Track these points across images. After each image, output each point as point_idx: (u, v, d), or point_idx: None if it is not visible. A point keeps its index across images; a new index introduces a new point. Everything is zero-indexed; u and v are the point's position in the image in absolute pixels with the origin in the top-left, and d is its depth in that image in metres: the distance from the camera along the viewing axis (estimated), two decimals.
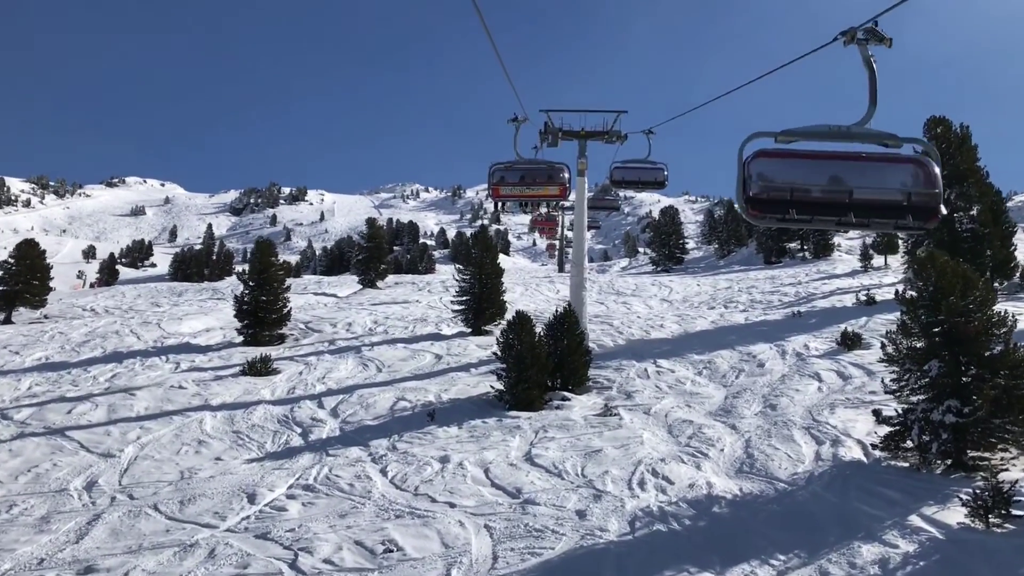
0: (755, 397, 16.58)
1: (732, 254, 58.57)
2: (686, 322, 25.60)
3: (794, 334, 21.98)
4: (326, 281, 51.79)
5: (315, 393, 18.22)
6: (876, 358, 18.62)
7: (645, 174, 22.90)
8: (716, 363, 19.45)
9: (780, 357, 19.59)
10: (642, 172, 22.88)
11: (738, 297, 32.91)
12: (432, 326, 26.84)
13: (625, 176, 22.95)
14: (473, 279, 24.96)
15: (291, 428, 15.83)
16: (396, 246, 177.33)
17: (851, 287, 32.04)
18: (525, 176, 17.57)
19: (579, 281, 21.24)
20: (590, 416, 15.67)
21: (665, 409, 16.08)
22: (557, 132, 21.39)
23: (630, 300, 35.40)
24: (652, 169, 22.94)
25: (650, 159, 23.09)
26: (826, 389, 16.74)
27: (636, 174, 22.88)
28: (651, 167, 22.95)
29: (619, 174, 22.98)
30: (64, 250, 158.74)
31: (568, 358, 17.53)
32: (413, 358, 21.50)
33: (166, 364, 21.88)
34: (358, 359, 21.51)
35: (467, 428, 15.18)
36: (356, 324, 27.57)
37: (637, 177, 22.94)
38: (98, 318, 31.15)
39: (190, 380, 19.26)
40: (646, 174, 22.90)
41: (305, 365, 20.89)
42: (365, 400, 17.35)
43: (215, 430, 15.74)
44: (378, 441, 14.69)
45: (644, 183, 23.15)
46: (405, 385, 18.59)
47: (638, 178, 22.96)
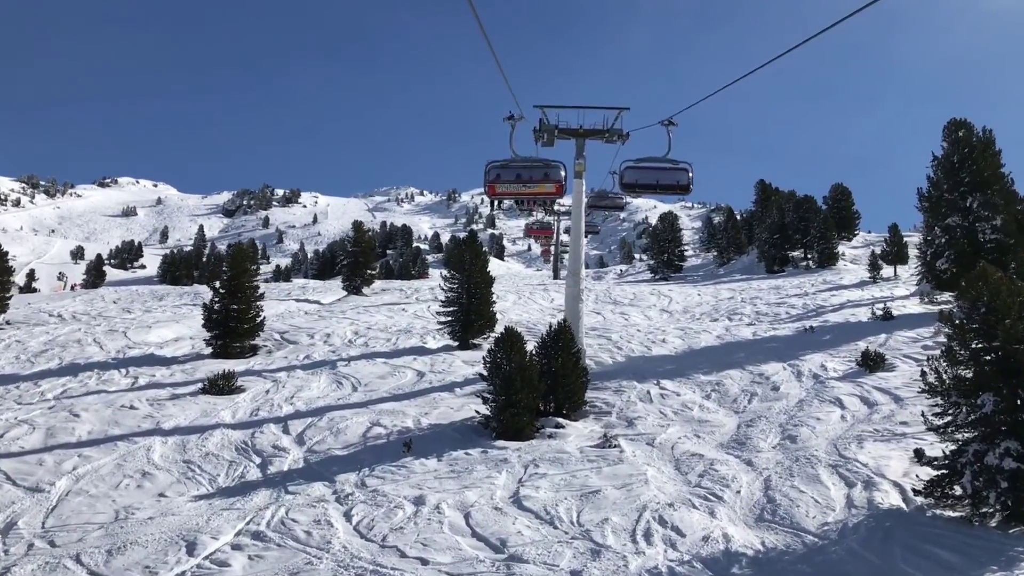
0: (771, 426, 14.83)
1: (732, 262, 56.90)
2: (690, 336, 23.83)
3: (808, 352, 20.25)
4: (311, 286, 49.96)
5: (281, 416, 16.39)
6: (902, 381, 17.03)
7: (665, 176, 18.77)
8: (725, 385, 17.70)
9: (795, 379, 17.85)
10: (661, 174, 18.75)
11: (742, 308, 31.19)
12: (417, 338, 25.01)
13: (640, 178, 18.77)
14: (460, 289, 23.17)
15: (249, 458, 14.02)
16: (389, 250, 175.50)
17: (862, 299, 30.39)
18: (521, 174, 17.21)
19: (576, 293, 19.42)
20: (587, 448, 13.89)
21: (671, 440, 14.31)
22: (553, 130, 19.60)
23: (628, 310, 33.67)
24: (673, 170, 18.87)
25: (670, 157, 19.06)
26: (850, 418, 14.99)
27: (653, 176, 18.70)
28: (672, 167, 18.90)
29: (632, 175, 18.78)
30: (52, 250, 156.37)
31: (563, 379, 15.75)
32: (393, 375, 19.68)
33: (124, 379, 20.06)
34: (332, 376, 19.68)
35: (447, 461, 13.37)
36: (335, 335, 25.74)
37: (655, 180, 18.72)
38: (63, 325, 29.25)
39: (144, 399, 17.41)
40: (666, 176, 18.76)
41: (273, 382, 19.05)
42: (335, 425, 15.53)
43: (163, 459, 13.93)
44: (346, 475, 12.89)
45: (664, 187, 19.01)
46: (382, 407, 16.77)
47: (656, 181, 18.77)
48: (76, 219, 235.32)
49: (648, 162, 18.93)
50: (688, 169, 18.89)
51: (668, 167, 18.97)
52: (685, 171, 18.88)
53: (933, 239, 25.26)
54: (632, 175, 18.87)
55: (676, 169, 18.93)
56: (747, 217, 64.59)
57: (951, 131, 25.26)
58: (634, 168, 18.92)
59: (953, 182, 24.70)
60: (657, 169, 18.91)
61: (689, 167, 18.93)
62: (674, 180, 18.88)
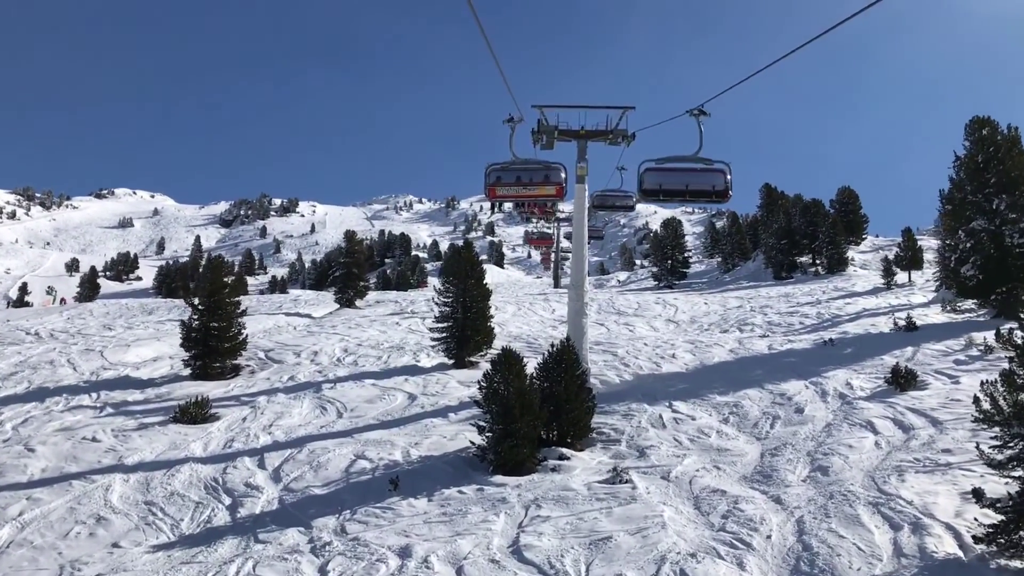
0: (798, 455, 13.35)
1: (737, 268, 55.46)
2: (701, 351, 22.36)
3: (830, 367, 18.79)
4: (304, 299, 48.50)
5: (257, 447, 14.92)
6: (938, 401, 15.55)
7: (697, 179, 15.49)
8: (744, 407, 16.23)
9: (820, 399, 16.38)
10: (691, 177, 15.45)
11: (752, 318, 29.75)
12: (410, 355, 23.53)
13: (665, 183, 15.56)
14: (455, 302, 21.71)
15: (218, 498, 12.57)
16: (388, 259, 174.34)
17: (879, 308, 28.97)
18: (521, 176, 16.90)
19: (579, 307, 17.96)
20: (595, 483, 12.41)
21: (688, 472, 12.83)
22: (552, 131, 18.21)
23: (633, 321, 32.26)
24: (707, 172, 15.53)
25: (702, 156, 15.65)
26: (885, 445, 13.50)
27: (681, 179, 15.40)
28: (705, 168, 15.54)
29: (654, 179, 15.62)
30: (47, 263, 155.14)
31: (567, 405, 14.29)
32: (382, 398, 18.20)
33: (92, 404, 18.60)
34: (316, 400, 18.20)
35: (438, 501, 11.91)
36: (323, 353, 24.25)
37: (683, 184, 15.25)
38: (39, 343, 27.79)
39: (109, 429, 15.95)
40: (698, 179, 15.49)
41: (252, 408, 17.57)
42: (316, 458, 14.06)
43: (123, 501, 12.48)
44: (324, 520, 11.42)
45: (695, 194, 15.72)
46: (368, 436, 15.29)
47: (685, 185, 15.43)
48: (72, 231, 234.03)
49: (674, 162, 15.47)
50: (726, 170, 15.50)
51: (700, 168, 15.56)
52: (722, 173, 15.50)
53: (956, 244, 23.82)
54: (654, 179, 15.48)
55: (710, 171, 15.50)
56: (751, 222, 63.21)
57: (974, 129, 23.84)
58: (657, 171, 15.51)
59: (978, 183, 23.28)
60: (686, 171, 15.53)
61: (727, 168, 15.52)
62: (708, 184, 15.41)
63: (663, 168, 15.81)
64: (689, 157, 15.81)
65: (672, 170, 15.78)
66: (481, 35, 9.67)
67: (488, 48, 10.65)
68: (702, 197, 15.95)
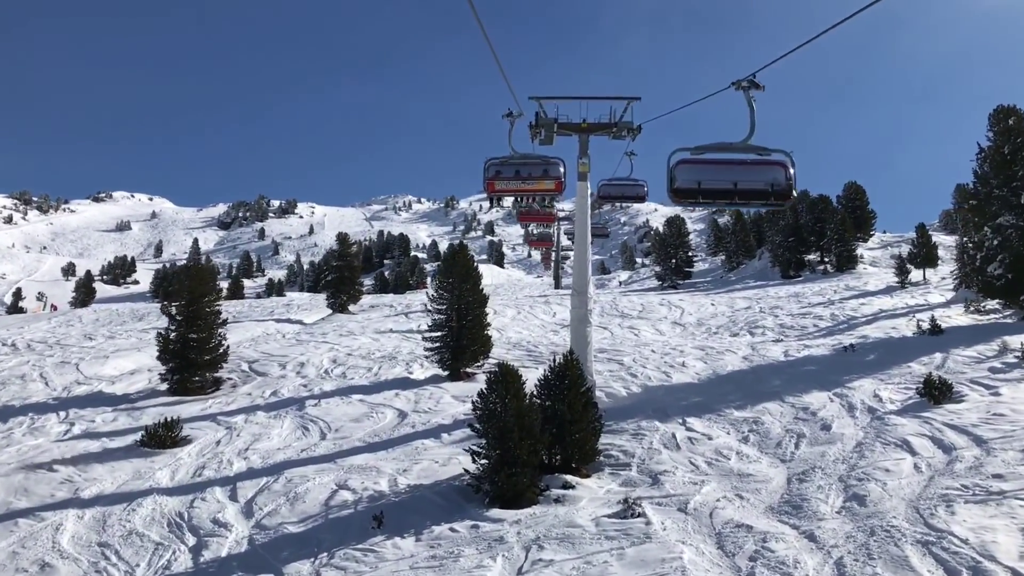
0: (830, 481, 11.95)
1: (742, 267, 54.06)
2: (712, 358, 20.96)
3: (854, 376, 17.39)
4: (297, 303, 47.09)
5: (230, 475, 13.56)
6: (978, 416, 14.09)
7: (749, 175, 11.59)
8: (764, 423, 14.84)
9: (847, 413, 14.98)
10: (743, 172, 11.57)
11: (763, 321, 28.36)
12: (402, 366, 22.13)
13: (706, 179, 11.54)
14: (449, 310, 20.31)
15: (182, 537, 11.21)
16: (387, 259, 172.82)
17: (896, 308, 27.60)
18: (520, 171, 16.47)
19: (582, 315, 16.60)
20: (604, 518, 11.00)
21: (708, 503, 11.44)
22: (552, 124, 16.93)
23: (637, 324, 30.90)
24: (761, 165, 11.64)
25: (752, 144, 11.69)
26: (926, 468, 12.10)
27: (729, 175, 11.52)
28: (759, 161, 11.67)
29: (690, 175, 11.57)
30: (43, 268, 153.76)
31: (571, 426, 12.91)
32: (370, 416, 16.80)
33: (58, 425, 17.25)
34: (299, 419, 16.82)
35: (427, 540, 10.52)
36: (310, 364, 22.88)
37: (731, 181, 11.44)
38: (13, 355, 26.45)
39: (69, 456, 14.61)
40: (750, 175, 11.58)
41: (227, 429, 16.19)
42: (294, 488, 12.68)
43: (74, 542, 11.13)
44: (298, 565, 10.07)
45: (748, 194, 11.64)
46: (352, 461, 13.91)
47: (734, 183, 11.49)
48: (69, 235, 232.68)
49: (717, 151, 11.52)
50: (787, 163, 11.51)
51: (751, 160, 11.63)
52: (782, 166, 11.50)
53: (982, 241, 22.42)
54: (691, 175, 11.44)
55: (766, 163, 11.55)
56: (756, 218, 61.79)
57: (998, 119, 22.43)
58: (694, 164, 11.48)
59: (1004, 177, 21.87)
60: (734, 164, 11.59)
61: (788, 159, 11.57)
62: (763, 181, 11.47)
63: (702, 160, 11.59)
64: (737, 145, 11.66)
65: (715, 163, 11.60)
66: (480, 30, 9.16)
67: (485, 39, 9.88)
68: (756, 198, 11.71)
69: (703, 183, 11.69)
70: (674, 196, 11.91)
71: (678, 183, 11.75)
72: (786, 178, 11.68)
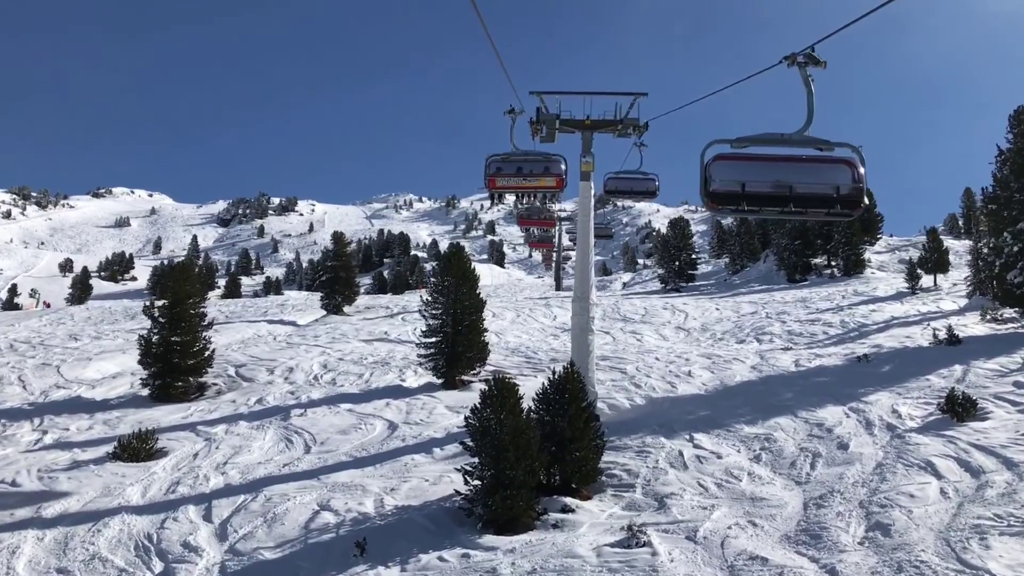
0: (850, 507, 11.05)
1: (746, 270, 53.12)
2: (719, 367, 20.06)
3: (870, 390, 16.49)
4: (292, 303, 46.17)
5: (206, 492, 12.66)
6: (1007, 436, 13.13)
7: (806, 176, 9.14)
8: (776, 440, 13.93)
9: (865, 431, 14.07)
10: (797, 171, 9.13)
11: (770, 327, 27.47)
12: (395, 373, 21.22)
13: (752, 179, 9.10)
14: (445, 315, 19.40)
15: (148, 563, 10.33)
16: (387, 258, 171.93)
17: (908, 315, 26.68)
18: (522, 167, 16.47)
19: (584, 322, 15.72)
20: (606, 547, 10.10)
21: (719, 530, 10.53)
22: (554, 120, 16.15)
23: (640, 328, 30.01)
24: (821, 164, 9.24)
25: (811, 135, 9.22)
26: (953, 493, 11.20)
27: (781, 174, 9.02)
28: (818, 159, 9.28)
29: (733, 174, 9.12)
30: (41, 263, 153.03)
31: (571, 443, 12.02)
32: (358, 428, 15.89)
33: (30, 433, 16.37)
34: (282, 430, 15.92)
35: (413, 571, 9.65)
36: (299, 369, 21.98)
37: (784, 183, 9.01)
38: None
39: (35, 469, 13.72)
40: (808, 176, 9.14)
41: (206, 441, 15.29)
42: (272, 507, 11.78)
43: (30, 568, 10.27)
44: None
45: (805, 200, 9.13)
46: (337, 478, 13.01)
47: (789, 187, 9.06)
48: (68, 231, 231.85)
49: (766, 145, 9.11)
50: (855, 160, 9.08)
51: (807, 157, 9.20)
52: (848, 165, 9.06)
53: (1001, 246, 21.51)
54: (732, 173, 8.98)
55: (827, 161, 9.18)
56: (760, 221, 60.82)
57: (1019, 120, 21.51)
58: (734, 160, 9.03)
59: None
60: (787, 162, 9.11)
61: (856, 155, 9.15)
62: (825, 184, 9.02)
63: (746, 156, 9.13)
64: (792, 137, 9.16)
65: (763, 159, 9.15)
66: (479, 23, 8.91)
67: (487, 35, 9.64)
68: (816, 206, 9.11)
69: (748, 185, 9.05)
70: (710, 201, 9.19)
71: (715, 184, 9.09)
72: (854, 180, 9.05)
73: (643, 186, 19.76)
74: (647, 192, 19.87)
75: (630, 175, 19.59)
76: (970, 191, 57.70)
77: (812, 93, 9.22)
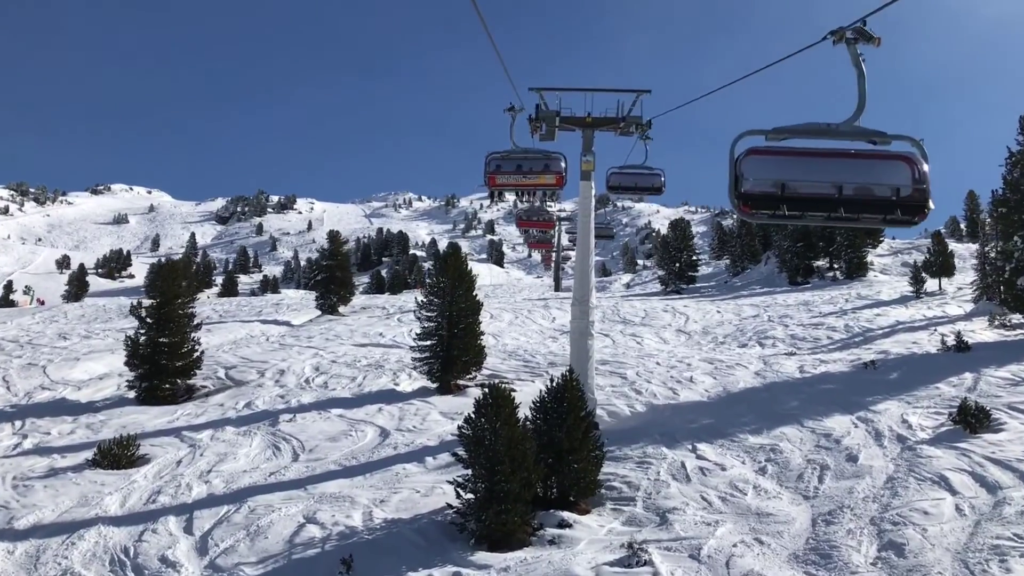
0: (860, 524, 10.53)
1: (747, 272, 52.61)
2: (722, 373, 19.54)
3: (878, 398, 15.98)
4: (287, 302, 45.64)
5: (187, 502, 12.13)
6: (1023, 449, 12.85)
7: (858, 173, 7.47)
8: (783, 451, 13.42)
9: (874, 442, 13.56)
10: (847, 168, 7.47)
11: (772, 331, 26.97)
12: (388, 376, 20.68)
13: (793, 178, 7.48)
14: (440, 317, 18.87)
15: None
16: (385, 257, 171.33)
17: (914, 320, 26.18)
18: (522, 165, 16.27)
19: (584, 327, 15.23)
20: (604, 566, 9.58)
21: (724, 548, 10.01)
22: (554, 117, 15.76)
23: (640, 331, 29.51)
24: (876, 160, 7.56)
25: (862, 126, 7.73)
26: (969, 511, 10.67)
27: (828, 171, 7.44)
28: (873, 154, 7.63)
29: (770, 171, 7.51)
30: (38, 260, 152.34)
31: (569, 455, 11.50)
32: (349, 435, 15.36)
33: (9, 438, 15.85)
34: (270, 436, 15.38)
35: None
36: (291, 372, 21.44)
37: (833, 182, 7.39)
38: None
39: (9, 477, 13.17)
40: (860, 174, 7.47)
41: (191, 447, 14.75)
42: (256, 520, 11.25)
43: None
44: None
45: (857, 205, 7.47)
46: (324, 489, 12.48)
47: (838, 188, 7.39)
48: (66, 227, 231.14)
49: (808, 135, 7.72)
50: (915, 157, 7.48)
51: (863, 152, 7.67)
52: (909, 162, 7.44)
53: (1011, 250, 21.00)
54: (768, 171, 7.52)
55: (884, 157, 7.58)
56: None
57: None
58: (771, 155, 7.62)
59: None
60: (837, 157, 7.57)
61: (918, 148, 7.58)
62: (885, 183, 7.42)
63: (786, 151, 7.62)
64: (840, 128, 7.67)
65: (807, 154, 7.62)
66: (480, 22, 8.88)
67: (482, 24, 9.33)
68: (871, 211, 7.50)
69: (789, 185, 7.49)
70: (742, 204, 7.63)
71: (749, 184, 7.52)
72: (915, 179, 7.37)
73: (648, 181, 19.13)
74: (652, 188, 19.20)
75: (634, 170, 18.99)
76: (974, 194, 57.17)
77: (863, 75, 7.83)
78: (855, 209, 7.50)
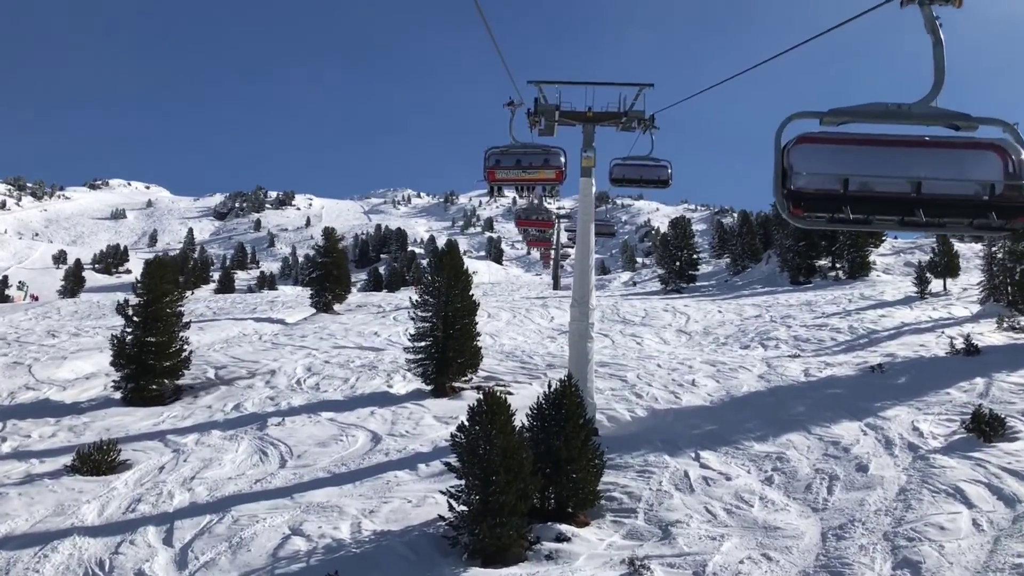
0: (873, 539, 10.03)
1: (748, 271, 52.07)
2: (724, 376, 19.03)
3: (887, 404, 15.47)
4: (282, 300, 45.14)
5: (168, 511, 11.61)
6: None
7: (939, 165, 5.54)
8: (789, 460, 12.90)
9: (885, 450, 13.05)
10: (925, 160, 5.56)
11: (775, 331, 26.46)
12: (382, 377, 20.14)
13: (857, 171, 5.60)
14: (435, 317, 18.33)
15: None
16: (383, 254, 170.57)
17: (920, 322, 25.65)
18: (521, 160, 15.96)
19: (583, 329, 14.71)
20: None
21: (730, 565, 9.51)
22: (553, 112, 15.26)
23: (640, 332, 29.00)
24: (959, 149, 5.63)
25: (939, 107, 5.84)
26: (988, 526, 10.17)
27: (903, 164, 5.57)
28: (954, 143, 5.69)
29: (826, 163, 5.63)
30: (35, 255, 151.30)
31: (568, 464, 10.99)
32: (339, 440, 14.83)
33: None
34: (257, 441, 14.86)
35: None
36: (282, 372, 20.91)
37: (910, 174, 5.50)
38: None
39: None
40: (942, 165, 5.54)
41: (174, 452, 14.23)
42: (239, 531, 10.73)
43: None
44: None
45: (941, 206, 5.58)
46: (312, 497, 11.97)
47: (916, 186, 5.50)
48: (63, 222, 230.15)
49: (875, 117, 5.84)
50: (1008, 146, 5.56)
51: (940, 141, 5.74)
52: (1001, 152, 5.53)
53: (1021, 251, 20.47)
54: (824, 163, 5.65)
55: (969, 146, 5.68)
56: (762, 220, 59.79)
57: None
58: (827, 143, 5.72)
59: None
60: (912, 146, 5.71)
61: (1013, 133, 5.63)
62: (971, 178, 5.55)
63: (846, 138, 5.85)
64: (912, 109, 5.88)
65: (874, 143, 5.82)
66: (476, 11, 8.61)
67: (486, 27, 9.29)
68: (956, 214, 5.69)
69: (853, 180, 5.70)
70: (792, 205, 5.80)
71: (801, 180, 5.71)
72: (1007, 173, 5.58)
73: (654, 174, 17.73)
74: (659, 180, 17.60)
75: (639, 162, 17.69)
76: None
77: (941, 43, 6.05)
78: (937, 212, 5.73)
